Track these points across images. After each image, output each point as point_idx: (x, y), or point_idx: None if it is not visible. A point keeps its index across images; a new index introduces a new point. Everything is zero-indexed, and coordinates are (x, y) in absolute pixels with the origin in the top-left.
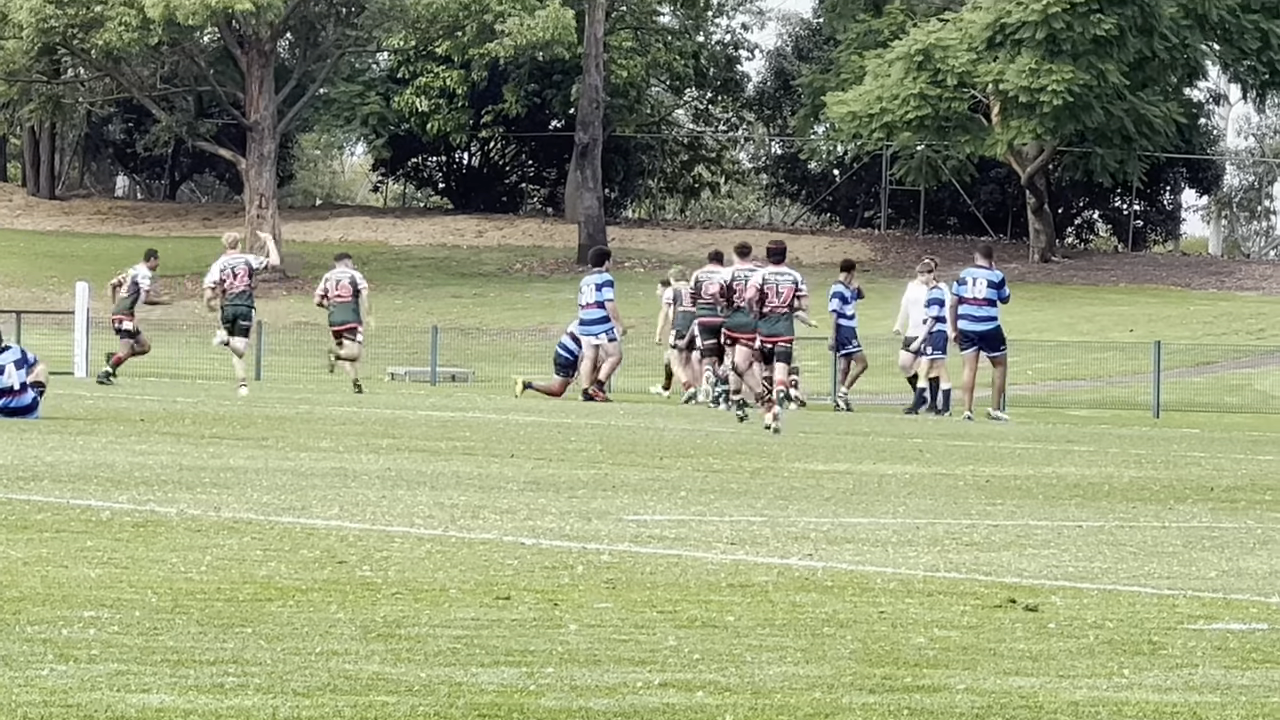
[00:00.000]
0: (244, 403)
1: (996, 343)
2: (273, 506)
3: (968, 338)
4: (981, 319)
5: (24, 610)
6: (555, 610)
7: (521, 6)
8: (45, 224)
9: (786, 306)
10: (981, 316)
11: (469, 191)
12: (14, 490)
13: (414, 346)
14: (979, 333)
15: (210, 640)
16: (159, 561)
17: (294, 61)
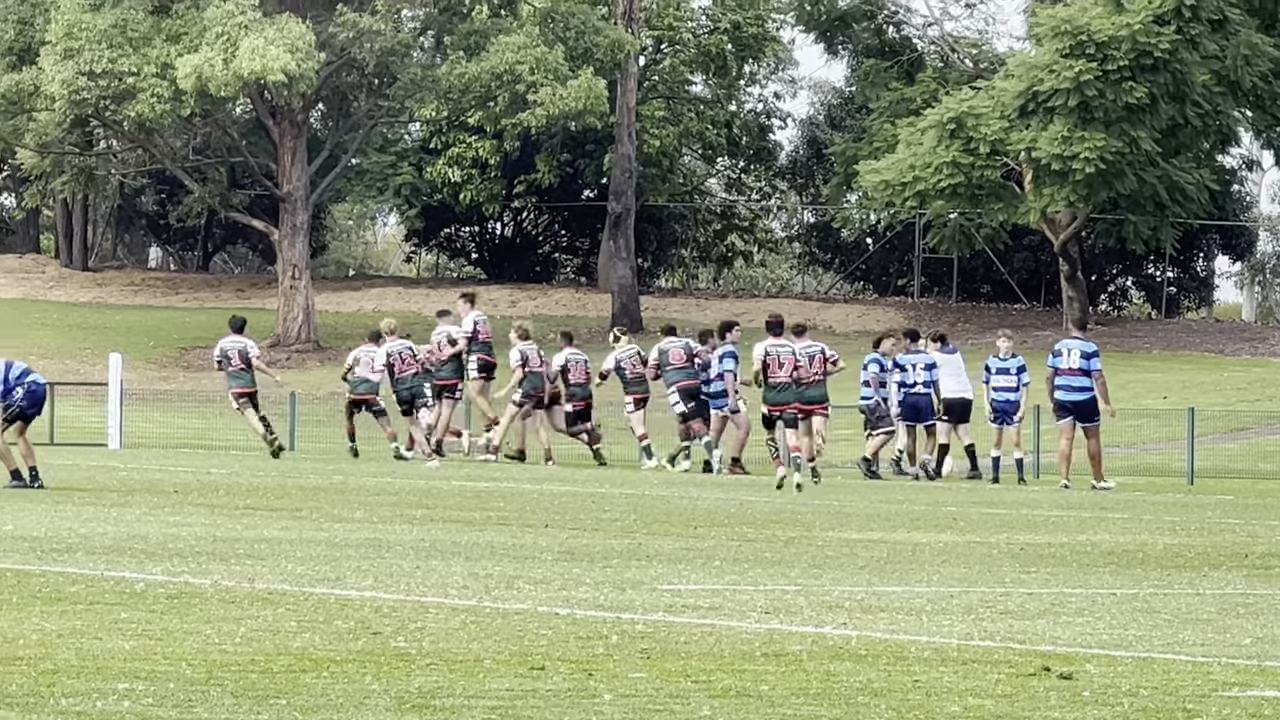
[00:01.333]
0: (277, 474)
1: (1091, 413)
2: (307, 578)
3: (1064, 408)
4: (1077, 389)
5: (58, 683)
6: (590, 680)
7: (554, 77)
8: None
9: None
10: (1077, 387)
11: (502, 261)
12: (48, 562)
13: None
14: (1075, 403)
15: (245, 712)
16: (193, 633)
17: (326, 132)
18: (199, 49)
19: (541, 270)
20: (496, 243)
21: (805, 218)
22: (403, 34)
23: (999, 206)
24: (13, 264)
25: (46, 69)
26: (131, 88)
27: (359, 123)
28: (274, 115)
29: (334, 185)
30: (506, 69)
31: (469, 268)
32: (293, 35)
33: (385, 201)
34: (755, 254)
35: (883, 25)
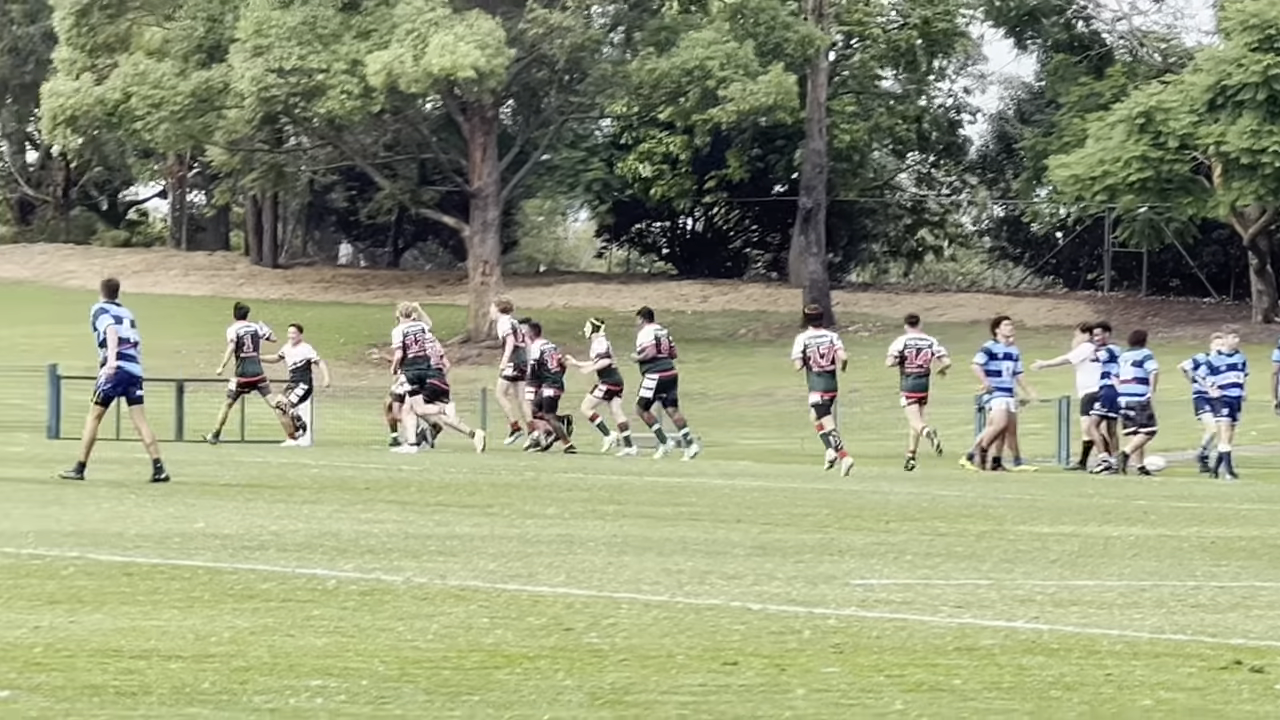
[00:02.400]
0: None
1: None
2: (499, 574)
3: None
4: None
5: (250, 680)
6: (782, 675)
7: (744, 72)
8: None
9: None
10: None
11: (693, 256)
12: (240, 560)
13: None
14: None
15: (438, 709)
16: (385, 630)
17: (517, 128)
18: (389, 46)
19: (732, 266)
20: (687, 238)
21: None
22: (593, 30)
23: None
24: (203, 261)
25: (236, 66)
26: (321, 84)
27: (549, 119)
28: (464, 111)
29: (524, 181)
30: (697, 65)
31: (660, 263)
32: (483, 31)
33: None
34: (945, 248)
35: (1072, 20)
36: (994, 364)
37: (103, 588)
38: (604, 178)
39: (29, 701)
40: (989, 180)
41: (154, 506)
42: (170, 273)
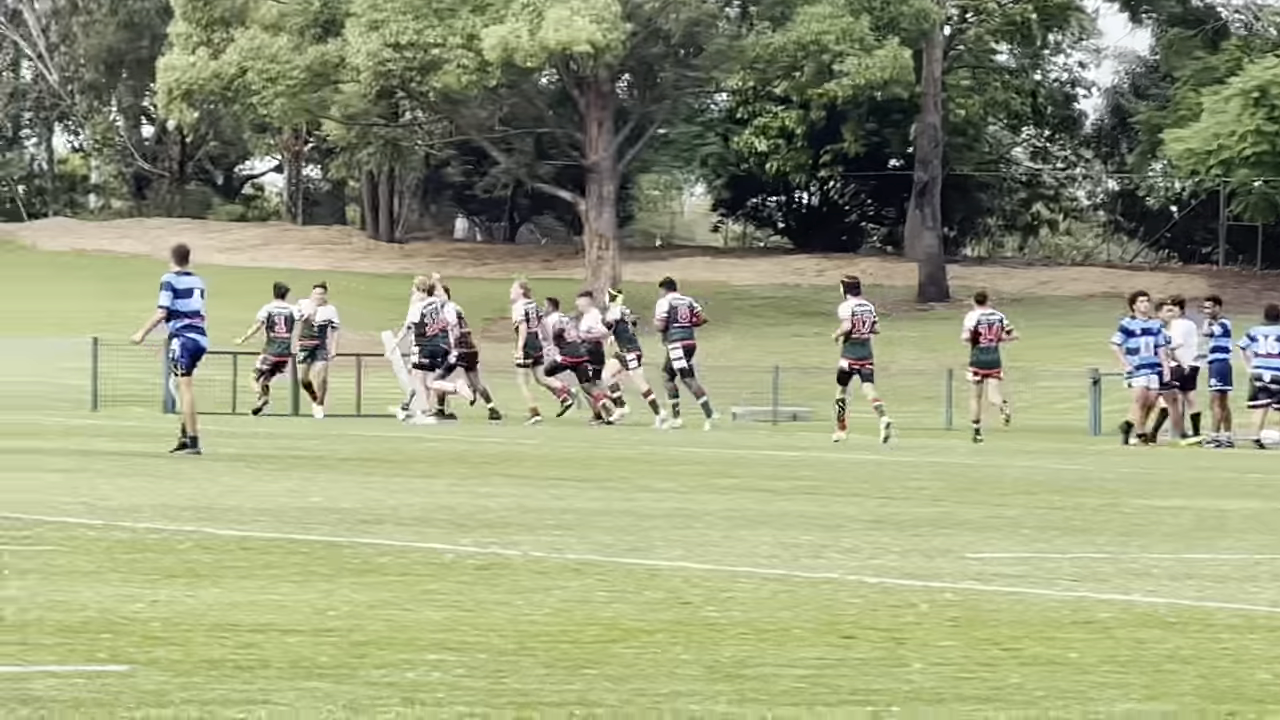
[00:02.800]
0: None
1: None
2: (616, 548)
3: None
4: None
5: (369, 654)
6: (899, 649)
7: (860, 47)
8: (384, 266)
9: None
10: None
11: (808, 230)
12: (358, 534)
13: (755, 385)
14: None
15: (556, 683)
16: (503, 604)
17: (633, 103)
18: (504, 20)
19: (848, 239)
20: (803, 212)
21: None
22: (709, 4)
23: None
24: (319, 235)
25: (351, 41)
26: (437, 59)
27: (665, 93)
28: (580, 86)
29: (640, 155)
30: (812, 39)
31: (775, 237)
32: (599, 6)
33: (692, 171)
34: (1060, 222)
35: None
36: (1132, 341)
37: (220, 562)
38: (720, 152)
39: (147, 676)
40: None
41: (271, 480)
42: (286, 247)
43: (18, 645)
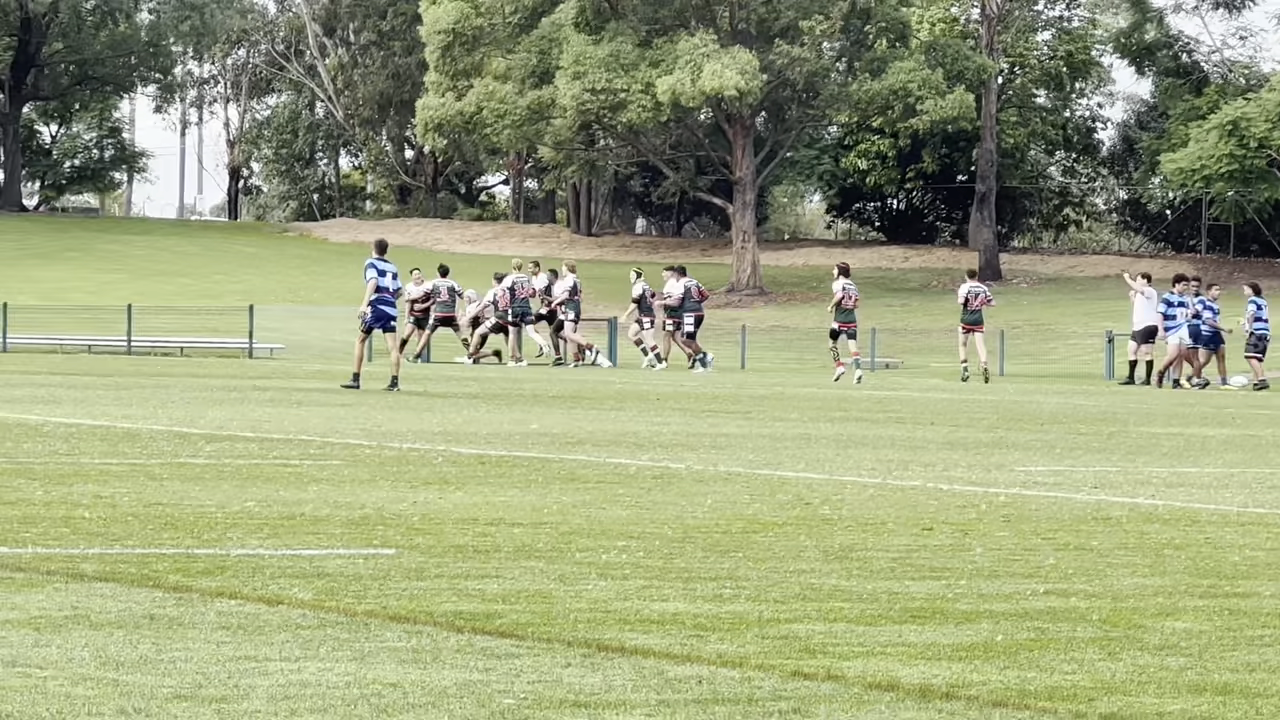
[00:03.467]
0: (733, 386)
1: None
2: (755, 462)
3: None
4: None
5: (573, 541)
6: (965, 538)
7: (935, 92)
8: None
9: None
10: None
11: (897, 228)
12: (564, 452)
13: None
14: None
15: (712, 562)
16: (671, 504)
17: (767, 133)
18: (673, 71)
19: (926, 234)
20: (893, 214)
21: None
22: (824, 60)
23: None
24: (535, 231)
25: (560, 87)
26: (623, 101)
27: (791, 126)
28: (728, 120)
29: (773, 172)
30: (901, 86)
31: (873, 232)
32: (742, 61)
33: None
34: (1084, 222)
35: (1178, 53)
36: (1170, 310)
37: (463, 473)
38: (831, 169)
39: (409, 557)
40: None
41: (500, 412)
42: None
43: (314, 534)
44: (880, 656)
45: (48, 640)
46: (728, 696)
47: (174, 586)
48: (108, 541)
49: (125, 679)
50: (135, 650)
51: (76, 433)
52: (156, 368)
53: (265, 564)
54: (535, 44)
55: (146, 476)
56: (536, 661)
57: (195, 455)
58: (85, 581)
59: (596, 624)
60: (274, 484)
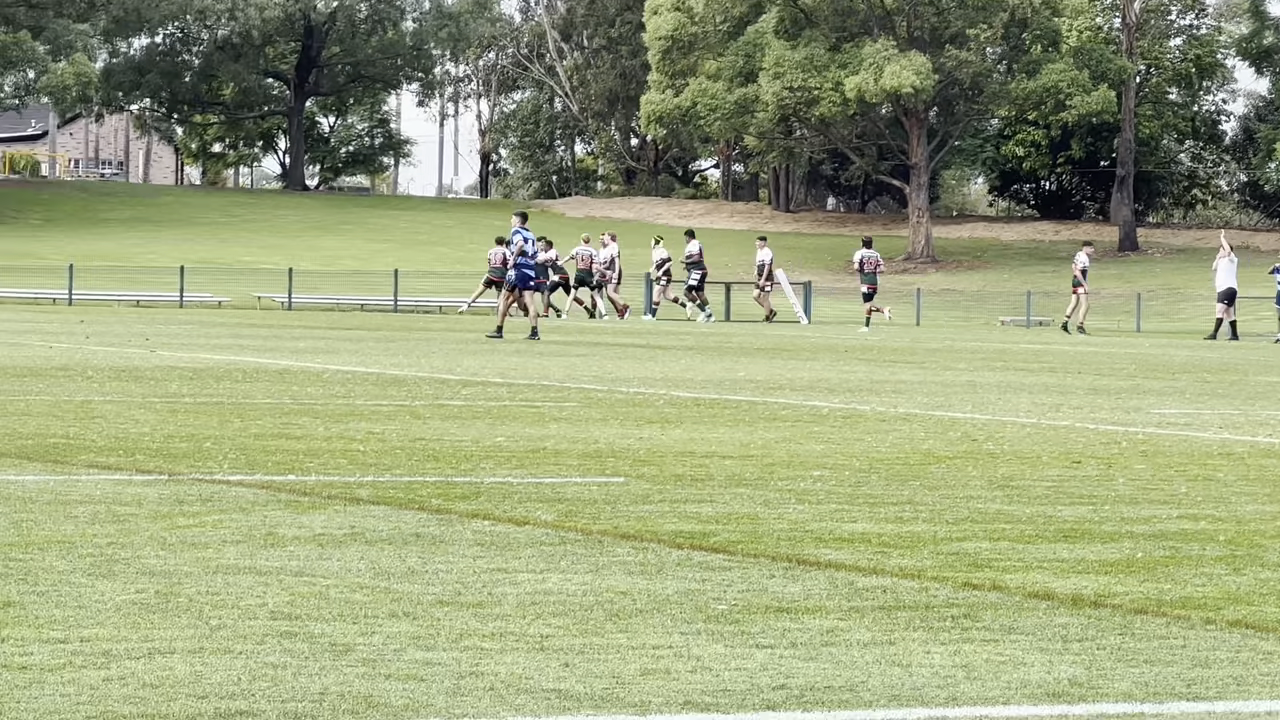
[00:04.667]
0: (910, 340)
1: None
2: (929, 404)
3: None
4: None
5: (774, 471)
6: (1109, 470)
7: (1082, 90)
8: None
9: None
10: None
11: (1048, 206)
12: (767, 395)
13: (1016, 303)
14: None
15: (893, 490)
16: (859, 440)
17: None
18: (859, 72)
19: (1074, 211)
20: (1045, 194)
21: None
22: (987, 62)
23: None
24: (741, 208)
25: (762, 85)
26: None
27: (959, 118)
28: (905, 114)
29: (943, 158)
30: (1052, 84)
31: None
32: (917, 63)
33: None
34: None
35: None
36: None
37: (681, 413)
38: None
39: (636, 485)
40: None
41: (711, 362)
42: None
43: (555, 465)
44: (1037, 570)
45: (329, 554)
46: (908, 604)
47: (436, 509)
48: (379, 471)
49: (395, 587)
50: (404, 563)
51: (352, 378)
52: (419, 324)
53: (514, 490)
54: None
55: (411, 415)
56: (745, 573)
57: (453, 398)
58: (360, 505)
59: (796, 541)
60: (520, 422)
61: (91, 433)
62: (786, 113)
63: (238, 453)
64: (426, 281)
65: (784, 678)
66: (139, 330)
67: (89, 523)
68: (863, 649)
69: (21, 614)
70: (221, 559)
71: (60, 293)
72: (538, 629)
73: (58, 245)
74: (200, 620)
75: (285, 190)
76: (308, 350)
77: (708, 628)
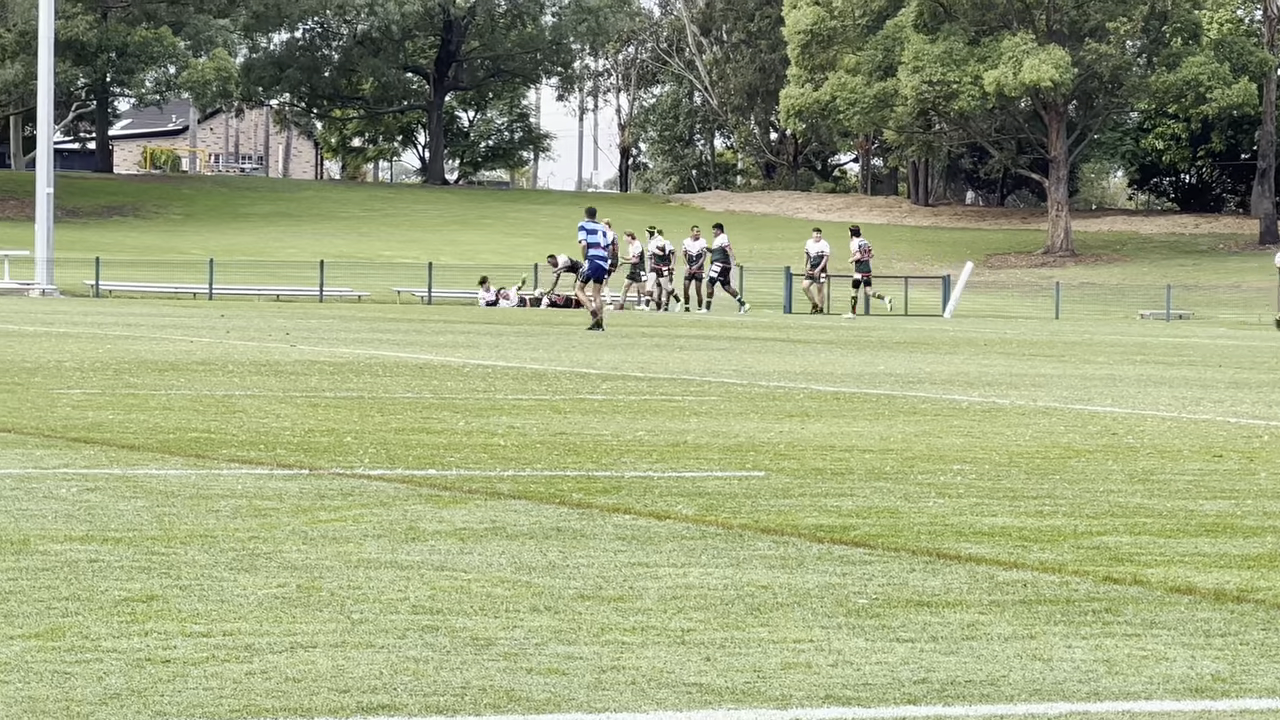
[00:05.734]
0: (1048, 333)
1: None
2: (1069, 398)
3: None
4: None
5: (914, 464)
6: (1251, 464)
7: (1223, 83)
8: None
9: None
10: None
11: (1188, 199)
12: (906, 389)
13: (1156, 297)
14: None
15: (1033, 483)
16: (998, 434)
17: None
18: (998, 66)
19: (1214, 204)
20: (1185, 187)
21: None
22: (1126, 56)
23: None
24: (880, 202)
25: (901, 79)
26: (955, 91)
27: (1098, 112)
28: (1045, 107)
29: (1083, 151)
30: (1193, 77)
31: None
32: (1056, 57)
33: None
34: None
35: None
36: None
37: (820, 407)
38: (1132, 149)
39: (776, 478)
40: None
41: (850, 356)
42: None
43: (695, 459)
44: (1179, 564)
45: (470, 549)
46: (1049, 598)
47: (577, 503)
48: (520, 465)
49: (536, 581)
50: (544, 557)
51: (492, 372)
52: (558, 318)
53: (654, 484)
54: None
55: (552, 410)
56: (885, 567)
57: (593, 392)
58: (501, 499)
59: (936, 535)
60: (660, 416)
61: (232, 427)
62: (925, 107)
63: (378, 447)
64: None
65: (925, 671)
66: (279, 325)
67: (231, 517)
68: (1004, 643)
69: (165, 608)
70: (363, 553)
71: (201, 287)
72: (679, 623)
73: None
74: (342, 614)
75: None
76: (447, 345)
77: (849, 621)
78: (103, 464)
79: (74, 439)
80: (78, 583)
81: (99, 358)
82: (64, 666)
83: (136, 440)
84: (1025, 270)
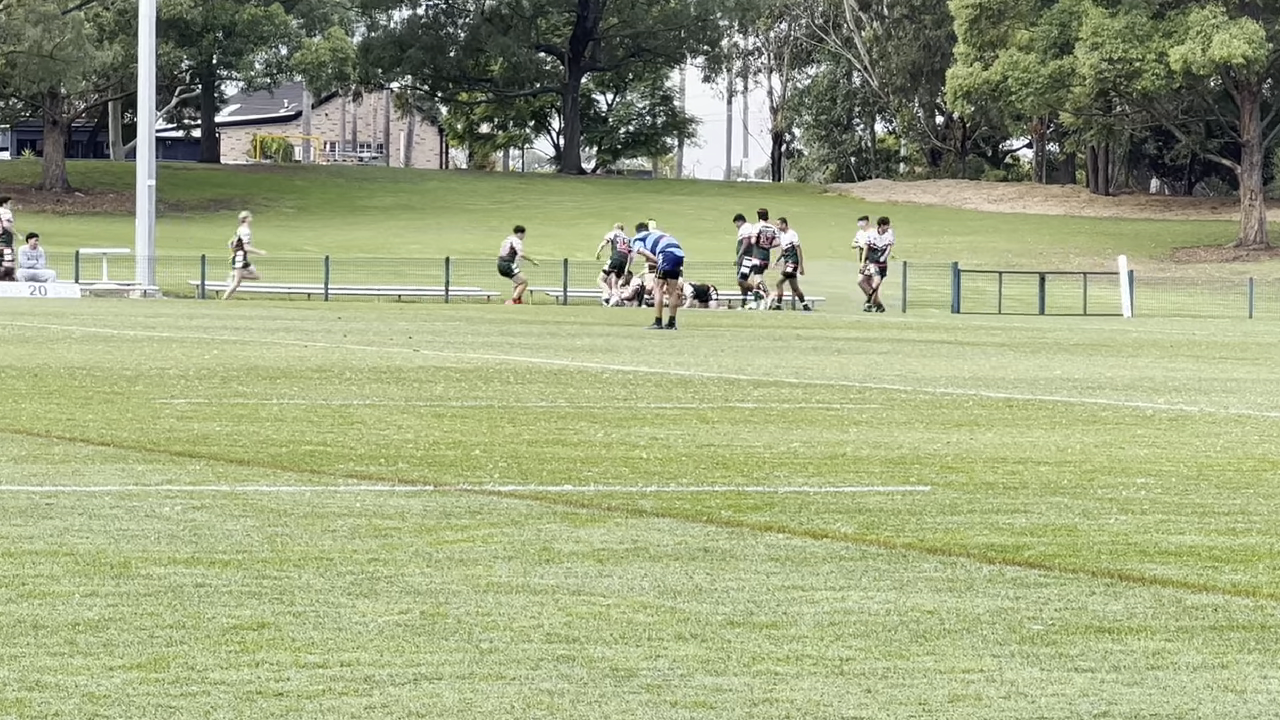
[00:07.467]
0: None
1: None
2: (1264, 405)
3: None
4: None
5: (1095, 478)
6: None
7: None
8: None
9: None
10: None
11: None
12: (1085, 396)
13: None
14: None
15: (1224, 498)
16: (1186, 444)
17: (1274, 97)
18: (1185, 41)
19: None
20: None
21: None
22: None
23: None
24: (1057, 191)
25: (1080, 57)
26: (1138, 69)
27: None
28: (1236, 86)
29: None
30: None
31: None
32: (1249, 31)
33: None
34: None
35: None
36: None
37: (991, 415)
38: None
39: (943, 493)
40: None
41: (1024, 359)
42: (1034, 199)
43: (854, 473)
44: None
45: (610, 571)
46: (1242, 624)
47: (725, 521)
48: (664, 480)
49: (682, 606)
50: (691, 580)
51: (633, 379)
52: (704, 319)
53: (810, 500)
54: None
55: (698, 419)
56: (1063, 590)
57: (744, 400)
58: (643, 517)
59: (1118, 555)
60: (817, 426)
61: (350, 439)
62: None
63: (509, 461)
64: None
65: (1106, 704)
66: (401, 328)
67: (349, 537)
68: (1192, 673)
69: (277, 636)
70: (492, 576)
71: (315, 287)
72: (837, 651)
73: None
74: (469, 643)
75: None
76: (584, 349)
77: (1022, 649)
78: (209, 480)
79: (178, 453)
80: (183, 609)
81: (205, 364)
82: (168, 700)
83: (246, 454)
84: (1215, 265)
